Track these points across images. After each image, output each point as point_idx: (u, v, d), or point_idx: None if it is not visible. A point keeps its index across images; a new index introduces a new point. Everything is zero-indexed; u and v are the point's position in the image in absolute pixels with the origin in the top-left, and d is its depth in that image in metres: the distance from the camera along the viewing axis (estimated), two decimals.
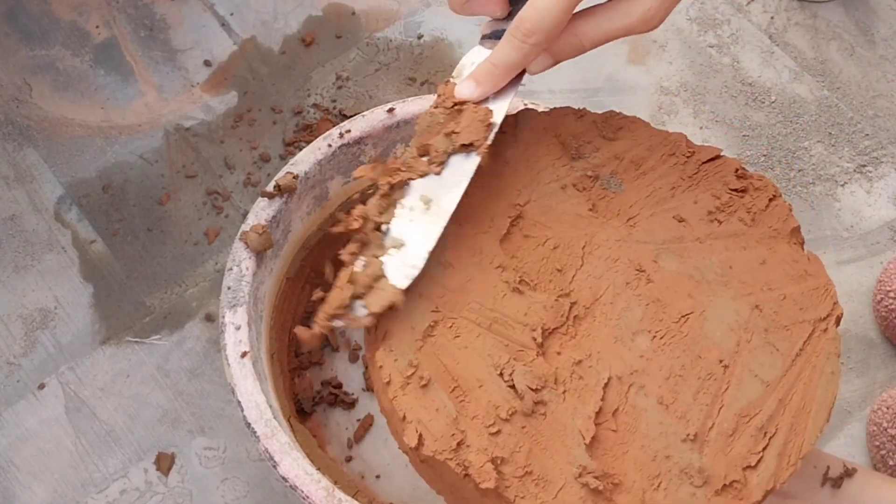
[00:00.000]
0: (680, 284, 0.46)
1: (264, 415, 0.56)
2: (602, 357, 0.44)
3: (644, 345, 0.44)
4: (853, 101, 0.90)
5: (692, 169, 0.50)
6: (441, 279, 0.46)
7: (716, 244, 0.48)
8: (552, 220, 0.48)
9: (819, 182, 0.86)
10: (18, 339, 0.77)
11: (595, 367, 0.44)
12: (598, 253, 0.47)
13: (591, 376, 0.43)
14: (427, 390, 0.43)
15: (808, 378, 0.44)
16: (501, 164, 0.49)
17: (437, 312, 0.45)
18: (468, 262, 0.46)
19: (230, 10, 0.94)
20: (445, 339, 0.44)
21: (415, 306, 0.45)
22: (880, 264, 0.82)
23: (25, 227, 0.82)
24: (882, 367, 0.77)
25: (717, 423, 0.43)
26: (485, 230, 0.47)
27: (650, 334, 0.45)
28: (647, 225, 0.48)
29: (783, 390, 0.44)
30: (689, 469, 0.41)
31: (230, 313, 0.60)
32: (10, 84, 0.89)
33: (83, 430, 0.74)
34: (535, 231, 0.47)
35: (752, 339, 0.45)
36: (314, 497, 0.53)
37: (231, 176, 0.85)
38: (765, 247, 0.48)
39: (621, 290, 0.46)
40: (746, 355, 0.45)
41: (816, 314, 0.47)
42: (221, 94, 0.89)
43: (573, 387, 0.43)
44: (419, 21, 0.94)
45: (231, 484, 0.71)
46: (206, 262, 0.81)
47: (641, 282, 0.46)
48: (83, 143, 0.86)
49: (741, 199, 0.49)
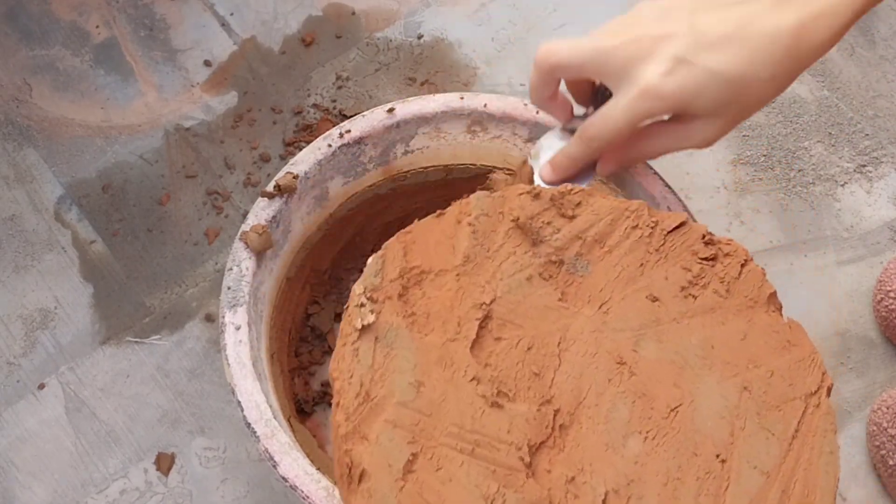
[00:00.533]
0: (663, 373, 0.44)
1: (264, 415, 0.56)
2: (595, 469, 0.42)
3: (636, 448, 0.43)
4: (853, 101, 0.90)
5: (658, 241, 0.49)
6: (413, 403, 0.42)
7: (693, 322, 0.46)
8: (522, 316, 0.46)
9: (819, 182, 0.86)
10: (18, 339, 0.77)
11: (589, 483, 0.41)
12: (575, 349, 0.45)
13: (586, 494, 0.41)
14: None
15: (808, 462, 0.43)
16: (462, 259, 0.47)
17: (415, 443, 0.41)
18: (440, 378, 0.43)
19: (230, 10, 0.94)
20: (427, 474, 0.41)
21: (390, 439, 0.41)
22: (880, 264, 0.82)
23: (25, 227, 0.82)
24: (882, 367, 0.77)
25: None
26: (452, 338, 0.44)
27: (641, 435, 0.43)
28: (620, 310, 0.46)
29: (784, 479, 0.42)
30: None
31: (230, 313, 0.60)
32: (10, 84, 0.89)
33: (83, 430, 0.74)
34: (505, 332, 0.45)
35: (746, 425, 0.44)
36: (314, 497, 0.53)
37: (231, 176, 0.85)
38: (743, 319, 0.47)
39: (604, 388, 0.44)
40: (742, 444, 0.43)
41: (806, 388, 0.45)
42: (221, 94, 0.89)
43: None
44: (419, 21, 0.94)
45: (231, 484, 0.71)
46: (206, 262, 0.81)
47: (624, 376, 0.44)
48: (83, 143, 0.86)
49: (712, 268, 0.48)
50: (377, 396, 0.42)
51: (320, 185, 0.67)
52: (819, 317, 0.79)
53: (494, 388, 0.43)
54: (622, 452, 0.42)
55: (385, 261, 0.45)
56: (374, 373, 0.43)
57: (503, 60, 0.92)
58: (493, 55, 0.92)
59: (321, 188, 0.67)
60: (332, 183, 0.67)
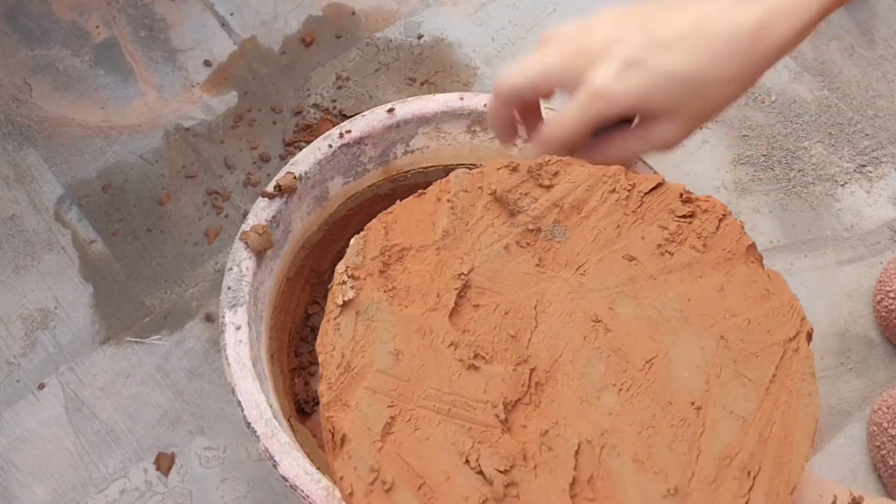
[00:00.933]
0: (639, 329, 0.45)
1: (264, 415, 0.56)
2: (569, 422, 0.43)
3: (611, 401, 0.43)
4: (853, 101, 0.90)
5: (635, 202, 0.49)
6: (392, 370, 0.44)
7: (670, 278, 0.47)
8: (499, 284, 0.47)
9: (819, 182, 0.86)
10: (18, 339, 0.77)
11: (563, 435, 0.42)
12: (552, 310, 0.46)
13: (560, 446, 0.42)
14: (392, 494, 0.41)
15: (786, 405, 0.43)
16: (442, 234, 0.48)
17: (393, 407, 0.43)
18: (419, 346, 0.45)
19: (230, 10, 0.94)
20: (405, 435, 0.43)
21: (369, 404, 0.43)
22: (880, 264, 0.82)
23: (25, 227, 0.82)
24: (882, 367, 0.77)
25: (696, 471, 0.41)
26: (432, 308, 0.46)
27: (616, 388, 0.44)
28: (597, 271, 0.47)
29: (761, 423, 0.43)
30: None
31: (230, 313, 0.60)
32: (10, 84, 0.89)
33: (83, 430, 0.74)
34: (483, 299, 0.46)
35: (722, 373, 0.44)
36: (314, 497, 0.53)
37: (231, 176, 0.85)
38: (721, 272, 0.47)
39: (580, 345, 0.45)
40: (718, 392, 0.43)
41: (785, 334, 0.45)
42: (221, 94, 0.89)
43: (543, 460, 0.42)
44: (419, 21, 0.94)
45: (231, 484, 0.71)
46: (206, 262, 0.81)
47: (599, 333, 0.45)
48: (83, 143, 0.86)
49: (690, 224, 0.48)
50: (358, 366, 0.44)
51: (320, 185, 0.67)
52: (819, 317, 0.79)
53: (472, 351, 0.45)
54: (596, 405, 0.43)
55: (367, 240, 0.47)
56: (356, 344, 0.45)
57: (503, 60, 0.92)
58: (493, 55, 0.92)
59: (321, 188, 0.67)
60: (332, 183, 0.67)
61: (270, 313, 0.66)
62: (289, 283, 0.69)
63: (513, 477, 0.41)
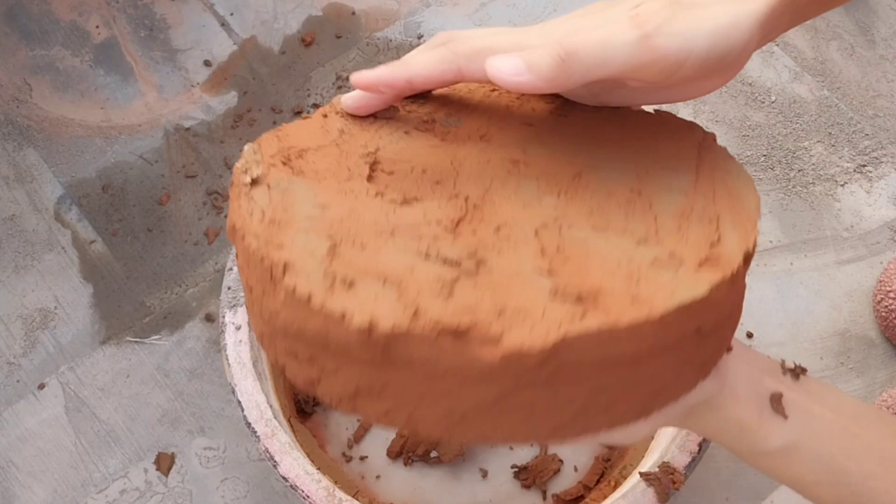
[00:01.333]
0: (556, 160, 0.46)
1: (264, 415, 0.56)
2: (518, 220, 0.42)
3: (552, 201, 0.44)
4: (853, 101, 0.90)
5: (517, 94, 0.50)
6: (322, 217, 0.42)
7: (571, 129, 0.48)
8: (409, 156, 0.47)
9: (819, 182, 0.86)
10: (18, 339, 0.77)
11: (518, 226, 0.42)
12: (468, 163, 0.46)
13: (517, 233, 0.41)
14: (356, 289, 0.38)
15: (721, 178, 0.44)
16: (338, 133, 0.48)
17: (333, 237, 0.41)
18: (343, 201, 0.43)
19: (230, 10, 0.94)
20: (354, 253, 0.40)
21: (306, 239, 0.40)
22: (880, 264, 0.82)
23: (25, 227, 0.82)
24: (882, 367, 0.77)
25: (659, 226, 0.42)
26: (346, 179, 0.45)
27: (554, 194, 0.44)
28: (500, 136, 0.48)
29: (703, 190, 0.44)
30: (660, 257, 0.40)
31: (230, 313, 0.60)
32: (10, 84, 0.89)
33: (83, 430, 0.74)
34: (396, 166, 0.46)
35: (650, 169, 0.45)
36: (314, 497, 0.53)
37: (231, 176, 0.85)
38: (617, 116, 0.48)
39: (506, 178, 0.45)
40: (652, 180, 0.44)
41: (694, 140, 0.47)
42: (221, 94, 0.89)
43: (505, 246, 0.41)
44: (419, 21, 0.94)
45: (231, 484, 0.71)
46: (206, 262, 0.81)
47: (521, 168, 0.46)
48: (83, 143, 0.86)
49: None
50: (282, 219, 0.42)
51: None
52: (819, 317, 0.79)
53: (400, 195, 0.44)
54: (540, 206, 0.43)
55: (261, 145, 0.46)
56: (275, 205, 0.43)
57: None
58: None
59: None
60: None
61: None
62: None
63: (479, 257, 0.40)
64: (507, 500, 0.70)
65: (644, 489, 0.55)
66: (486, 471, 0.71)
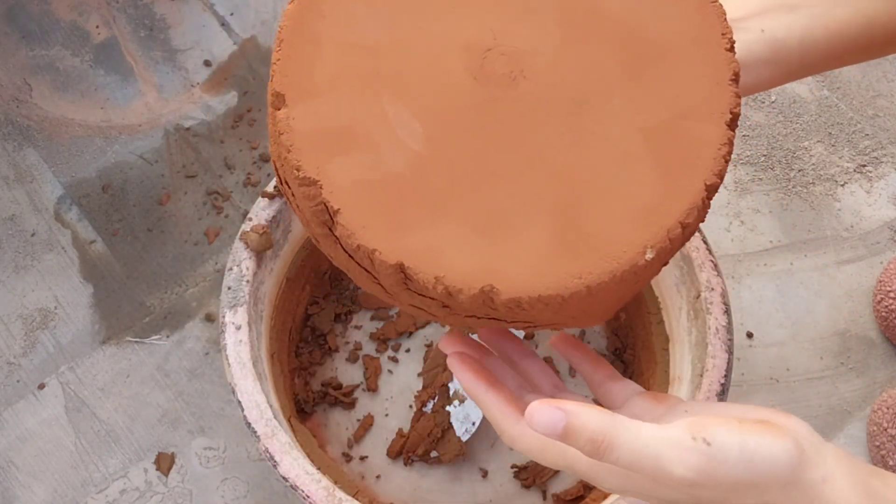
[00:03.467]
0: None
1: (264, 415, 0.56)
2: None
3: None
4: (853, 101, 0.90)
5: None
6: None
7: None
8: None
9: (819, 182, 0.86)
10: (18, 339, 0.77)
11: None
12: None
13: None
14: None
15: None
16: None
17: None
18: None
19: (230, 10, 0.94)
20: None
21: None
22: (880, 264, 0.82)
23: (25, 227, 0.82)
24: (882, 367, 0.77)
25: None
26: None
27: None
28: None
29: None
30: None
31: (230, 313, 0.60)
32: (10, 84, 0.89)
33: (83, 430, 0.74)
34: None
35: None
36: (314, 497, 0.53)
37: (231, 176, 0.85)
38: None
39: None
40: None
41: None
42: (221, 94, 0.89)
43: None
44: None
45: (231, 484, 0.71)
46: (206, 262, 0.81)
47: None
48: (83, 143, 0.86)
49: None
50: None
51: None
52: (819, 317, 0.79)
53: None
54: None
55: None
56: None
57: None
58: None
59: None
60: None
61: (270, 313, 0.66)
62: (289, 283, 0.69)
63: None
64: (508, 499, 0.70)
65: None
66: (486, 471, 0.71)
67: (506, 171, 0.40)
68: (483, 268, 0.38)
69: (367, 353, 0.75)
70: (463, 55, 0.42)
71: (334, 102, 0.41)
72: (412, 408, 0.73)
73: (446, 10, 0.43)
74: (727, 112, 0.42)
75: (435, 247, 0.38)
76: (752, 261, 0.81)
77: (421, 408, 0.71)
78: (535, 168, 0.41)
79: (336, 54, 0.41)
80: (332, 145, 0.40)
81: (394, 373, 0.74)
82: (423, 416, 0.71)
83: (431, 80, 0.42)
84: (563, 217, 0.40)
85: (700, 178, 0.41)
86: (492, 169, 0.40)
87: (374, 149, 0.40)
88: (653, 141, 0.41)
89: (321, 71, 0.41)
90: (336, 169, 0.39)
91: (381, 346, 0.75)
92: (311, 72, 0.41)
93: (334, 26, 0.42)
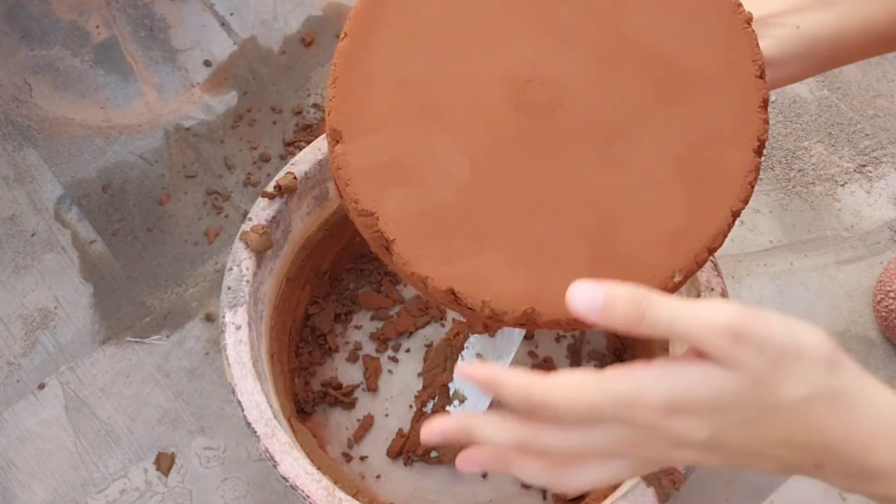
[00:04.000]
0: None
1: (264, 415, 0.56)
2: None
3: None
4: (853, 101, 0.90)
5: None
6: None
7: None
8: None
9: (819, 182, 0.86)
10: (18, 339, 0.77)
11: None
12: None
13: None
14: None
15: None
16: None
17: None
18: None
19: (230, 10, 0.94)
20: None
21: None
22: (880, 264, 0.82)
23: (25, 227, 0.82)
24: (882, 367, 0.77)
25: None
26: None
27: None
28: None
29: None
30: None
31: (230, 313, 0.60)
32: (10, 84, 0.89)
33: (83, 430, 0.74)
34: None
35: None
36: (314, 497, 0.53)
37: (231, 176, 0.85)
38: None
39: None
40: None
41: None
42: (221, 94, 0.89)
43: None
44: None
45: (231, 484, 0.71)
46: (206, 262, 0.81)
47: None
48: (83, 143, 0.86)
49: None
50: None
51: (320, 185, 0.67)
52: (819, 317, 0.79)
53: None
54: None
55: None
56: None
57: None
58: None
59: (321, 188, 0.67)
60: (332, 183, 0.67)
61: (270, 313, 0.66)
62: (289, 283, 0.69)
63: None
64: (508, 500, 0.70)
65: (644, 489, 0.55)
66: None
67: (544, 199, 0.43)
68: (525, 291, 0.42)
69: (367, 353, 0.75)
70: (504, 86, 0.45)
71: (386, 137, 0.44)
72: (412, 408, 0.73)
73: (487, 43, 0.45)
74: (755, 139, 0.44)
75: (481, 273, 0.42)
76: (752, 261, 0.81)
77: (421, 408, 0.71)
78: (571, 196, 0.43)
79: (386, 90, 0.44)
80: (385, 178, 0.43)
81: (394, 373, 0.74)
82: (423, 416, 0.71)
83: (475, 113, 0.44)
84: (599, 243, 0.43)
85: (727, 204, 0.44)
86: (531, 197, 0.43)
87: (424, 181, 0.44)
88: (683, 168, 0.44)
89: (372, 108, 0.44)
90: (390, 201, 0.43)
91: (381, 346, 0.75)
92: (363, 109, 0.44)
93: (383, 63, 0.45)
